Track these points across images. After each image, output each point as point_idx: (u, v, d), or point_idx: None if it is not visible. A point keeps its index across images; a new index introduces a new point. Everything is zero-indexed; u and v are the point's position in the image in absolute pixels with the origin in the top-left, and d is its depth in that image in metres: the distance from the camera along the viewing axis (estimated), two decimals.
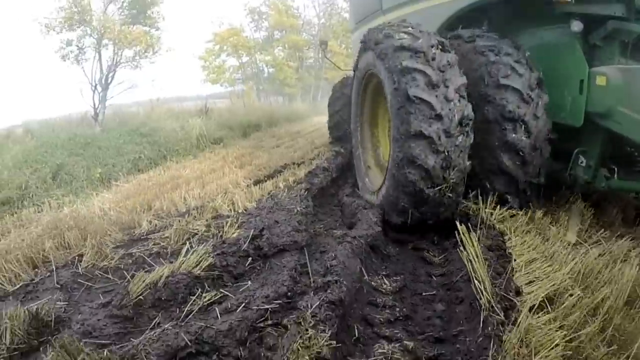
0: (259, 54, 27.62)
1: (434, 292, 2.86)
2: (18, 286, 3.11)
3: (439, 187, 3.41)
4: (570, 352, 1.83)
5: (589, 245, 3.12)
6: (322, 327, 1.85)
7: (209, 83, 25.68)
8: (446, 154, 3.36)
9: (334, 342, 1.78)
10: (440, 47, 3.67)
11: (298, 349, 1.69)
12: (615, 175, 3.73)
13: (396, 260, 3.32)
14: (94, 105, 10.26)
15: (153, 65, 14.45)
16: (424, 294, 2.86)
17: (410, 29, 3.83)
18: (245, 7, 27.65)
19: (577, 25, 3.67)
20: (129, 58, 10.47)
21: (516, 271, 2.50)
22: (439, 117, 3.35)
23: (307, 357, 1.65)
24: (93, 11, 9.37)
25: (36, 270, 3.37)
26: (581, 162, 3.91)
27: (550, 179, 4.03)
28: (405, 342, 2.30)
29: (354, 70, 4.84)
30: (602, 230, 3.60)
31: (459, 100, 3.45)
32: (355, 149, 5.06)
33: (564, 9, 3.72)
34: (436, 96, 3.38)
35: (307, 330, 1.81)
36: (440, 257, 3.31)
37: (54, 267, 3.27)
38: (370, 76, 4.39)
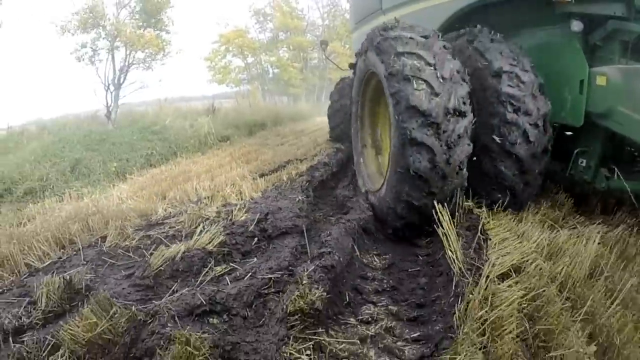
0: (264, 55, 28.06)
1: (419, 268, 3.21)
2: (47, 263, 3.49)
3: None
4: (527, 306, 2.17)
5: (561, 228, 3.44)
6: (315, 286, 2.20)
7: (215, 83, 26.19)
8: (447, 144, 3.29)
9: (325, 294, 2.13)
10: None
11: (295, 300, 2.05)
12: (616, 175, 3.73)
13: (385, 242, 3.67)
14: (107, 104, 10.72)
15: (160, 66, 14.91)
16: (409, 270, 3.21)
17: (410, 28, 3.79)
18: (250, 9, 28.17)
19: (577, 25, 3.67)
20: (140, 60, 10.92)
21: (489, 247, 2.84)
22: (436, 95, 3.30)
23: (302, 304, 2.00)
24: (106, 15, 9.84)
25: (63, 250, 3.75)
26: (581, 162, 3.92)
27: (549, 179, 4.04)
28: (390, 306, 2.66)
29: (354, 71, 4.81)
30: (579, 216, 3.92)
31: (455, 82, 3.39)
32: (355, 150, 5.03)
33: (564, 8, 3.71)
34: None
35: (303, 286, 2.16)
36: (426, 240, 3.66)
37: (80, 246, 3.65)
38: (371, 75, 4.33)
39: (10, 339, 2.36)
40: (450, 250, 2.59)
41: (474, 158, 3.69)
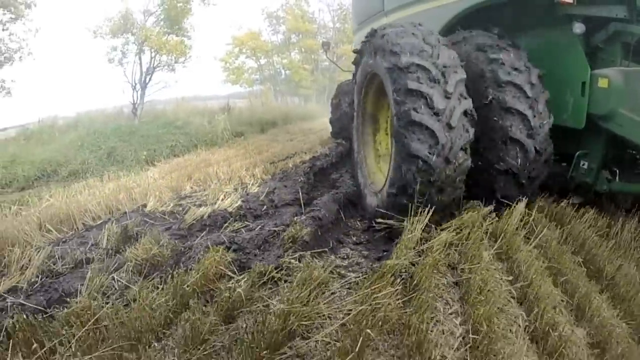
0: (276, 57, 29.12)
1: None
2: (99, 222, 4.48)
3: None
4: (456, 240, 3.08)
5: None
6: (305, 228, 3.15)
7: (229, 83, 27.31)
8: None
9: (312, 233, 3.07)
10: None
11: (289, 237, 2.99)
12: (617, 178, 3.75)
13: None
14: (134, 101, 11.88)
15: (182, 69, 16.07)
16: (383, 232, 4.12)
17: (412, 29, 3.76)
18: (263, 12, 29.18)
19: (579, 27, 3.65)
20: (164, 62, 12.06)
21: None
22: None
23: (294, 235, 2.95)
24: (135, 22, 11.02)
25: (111, 213, 4.74)
26: (583, 165, 3.92)
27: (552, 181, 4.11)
28: (363, 251, 3.58)
29: (354, 73, 4.74)
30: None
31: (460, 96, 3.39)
32: (356, 149, 4.84)
33: (566, 11, 3.70)
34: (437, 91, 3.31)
35: (296, 225, 3.10)
36: None
37: (126, 210, 4.64)
38: (373, 77, 4.19)
39: (82, 265, 3.33)
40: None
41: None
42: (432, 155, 3.17)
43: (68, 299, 2.52)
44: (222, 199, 4.29)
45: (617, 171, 3.75)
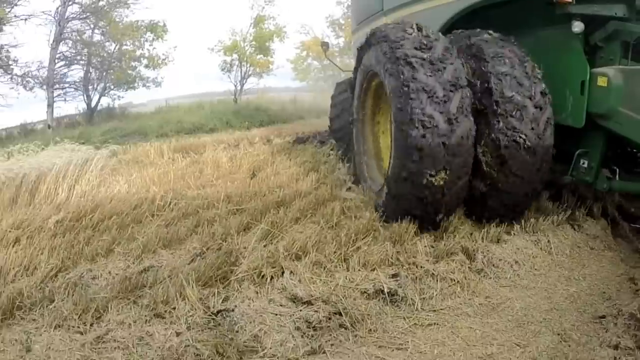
0: (338, 59, 34.28)
1: None
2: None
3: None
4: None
5: None
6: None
7: (297, 81, 33.14)
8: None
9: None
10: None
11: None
12: (617, 177, 3.75)
13: None
14: (235, 94, 18.05)
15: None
16: None
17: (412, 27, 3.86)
18: (327, 20, 34.37)
19: (578, 26, 3.62)
20: (255, 72, 18.33)
21: None
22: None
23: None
24: (239, 45, 17.24)
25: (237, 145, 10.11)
26: (582, 163, 3.88)
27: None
28: None
29: (355, 71, 4.91)
30: None
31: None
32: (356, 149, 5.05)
33: (565, 9, 3.67)
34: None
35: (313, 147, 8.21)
36: None
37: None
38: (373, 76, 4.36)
39: None
40: None
41: None
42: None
43: None
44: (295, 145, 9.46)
45: (617, 170, 3.77)
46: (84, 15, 15.02)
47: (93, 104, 16.64)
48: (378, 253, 3.08)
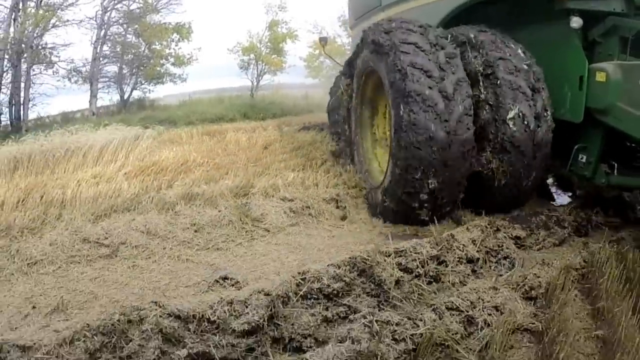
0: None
1: None
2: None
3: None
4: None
5: None
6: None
7: (310, 78, 35.14)
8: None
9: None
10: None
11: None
12: (615, 171, 3.79)
13: None
14: (252, 90, 20.11)
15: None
16: None
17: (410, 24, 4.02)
18: (339, 20, 36.13)
19: (576, 22, 3.64)
20: (270, 70, 20.44)
21: None
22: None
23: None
24: (255, 46, 19.38)
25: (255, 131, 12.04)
26: (581, 158, 3.91)
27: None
28: None
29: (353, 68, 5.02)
30: None
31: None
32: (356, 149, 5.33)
33: (563, 5, 3.69)
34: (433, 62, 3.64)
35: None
36: None
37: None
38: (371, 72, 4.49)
39: None
40: None
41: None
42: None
43: None
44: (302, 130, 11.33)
45: (616, 165, 3.79)
46: (121, 21, 17.37)
47: (125, 96, 18.92)
48: (334, 178, 5.10)
